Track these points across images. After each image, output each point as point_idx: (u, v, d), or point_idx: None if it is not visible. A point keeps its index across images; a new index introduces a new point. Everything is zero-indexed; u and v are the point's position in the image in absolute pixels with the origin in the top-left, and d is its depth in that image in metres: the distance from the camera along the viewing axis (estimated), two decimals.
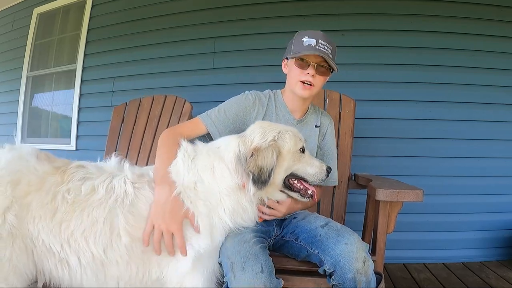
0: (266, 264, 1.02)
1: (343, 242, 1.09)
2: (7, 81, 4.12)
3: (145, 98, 2.42)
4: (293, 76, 1.35)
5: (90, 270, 1.00)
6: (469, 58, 2.62)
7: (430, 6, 2.64)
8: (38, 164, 1.02)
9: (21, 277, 0.95)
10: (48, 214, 0.97)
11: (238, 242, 1.07)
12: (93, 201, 1.00)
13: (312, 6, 2.76)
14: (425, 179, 2.50)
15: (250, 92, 1.42)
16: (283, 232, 1.31)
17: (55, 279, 1.01)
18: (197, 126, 1.33)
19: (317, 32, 1.34)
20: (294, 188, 1.22)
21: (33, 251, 0.97)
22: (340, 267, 1.06)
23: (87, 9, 3.51)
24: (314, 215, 1.31)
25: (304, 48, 1.29)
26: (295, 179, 1.21)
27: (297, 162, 1.19)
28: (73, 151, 3.41)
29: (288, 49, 1.39)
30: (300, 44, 1.31)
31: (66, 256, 0.98)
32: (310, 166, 1.21)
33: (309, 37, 1.31)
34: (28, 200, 0.97)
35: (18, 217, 0.95)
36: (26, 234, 0.96)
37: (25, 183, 0.98)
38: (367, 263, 1.07)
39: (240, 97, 1.40)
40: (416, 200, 1.23)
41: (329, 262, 1.09)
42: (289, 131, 1.20)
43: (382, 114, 2.61)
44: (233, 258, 1.03)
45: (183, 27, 3.03)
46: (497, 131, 2.61)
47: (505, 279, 2.22)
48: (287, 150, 1.17)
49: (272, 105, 1.43)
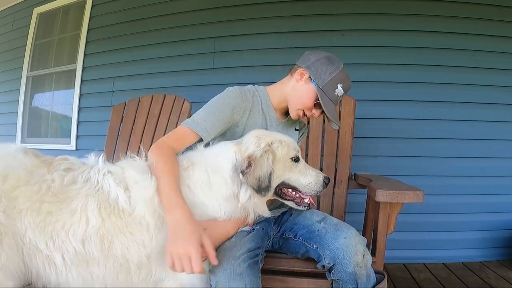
0: (251, 284, 1.02)
1: (342, 236, 1.09)
2: (7, 81, 4.12)
3: (144, 97, 2.42)
4: (300, 102, 1.31)
5: (75, 269, 0.98)
6: (469, 58, 2.61)
7: (430, 6, 2.64)
8: (25, 158, 1.02)
9: (11, 277, 0.92)
10: (34, 206, 0.95)
11: (226, 259, 1.05)
12: (72, 190, 1.00)
13: (312, 6, 2.76)
14: (425, 179, 2.50)
15: (235, 88, 1.32)
16: (281, 230, 1.30)
17: (43, 279, 0.99)
18: (186, 136, 1.20)
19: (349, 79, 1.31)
20: (288, 197, 1.19)
21: (23, 249, 0.95)
22: (340, 260, 1.06)
23: (87, 9, 3.51)
24: (309, 210, 1.27)
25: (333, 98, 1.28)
26: (288, 188, 1.19)
27: (288, 171, 1.16)
28: (73, 151, 3.41)
29: (321, 71, 1.27)
30: (333, 88, 1.26)
31: (51, 254, 0.96)
32: (304, 176, 1.18)
33: (343, 87, 1.27)
34: (16, 194, 0.95)
35: (6, 212, 0.93)
36: (15, 232, 0.93)
37: (13, 177, 0.96)
38: (366, 257, 1.08)
39: (224, 94, 1.29)
40: (417, 201, 1.22)
41: (328, 257, 1.09)
42: (282, 141, 1.18)
43: (382, 114, 2.61)
44: (218, 277, 1.02)
45: (183, 27, 3.03)
46: (497, 131, 2.60)
47: (505, 279, 2.22)
48: (278, 158, 1.14)
49: (258, 101, 1.36)
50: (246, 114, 1.31)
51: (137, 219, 1.02)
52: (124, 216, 1.02)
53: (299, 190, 1.18)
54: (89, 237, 0.97)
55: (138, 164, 1.13)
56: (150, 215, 1.03)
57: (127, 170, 1.10)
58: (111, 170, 1.09)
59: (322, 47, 2.64)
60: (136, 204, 1.03)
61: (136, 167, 1.11)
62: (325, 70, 1.27)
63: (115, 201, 1.02)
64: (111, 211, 1.01)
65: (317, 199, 1.99)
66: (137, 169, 1.10)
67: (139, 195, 1.04)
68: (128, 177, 1.07)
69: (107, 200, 1.02)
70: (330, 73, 1.26)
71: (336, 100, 1.29)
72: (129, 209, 1.02)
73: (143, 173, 1.09)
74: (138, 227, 1.02)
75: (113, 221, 1.00)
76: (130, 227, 1.01)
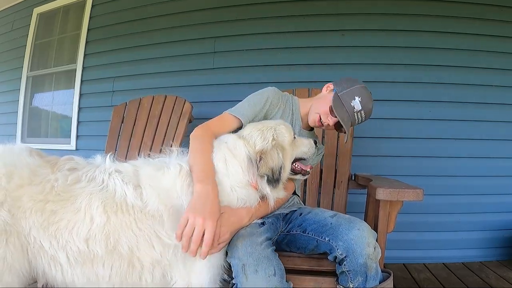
0: (278, 267, 1.04)
1: (356, 228, 1.12)
2: (7, 81, 4.11)
3: (145, 98, 2.43)
4: (320, 105, 1.46)
5: (80, 268, 0.97)
6: (469, 58, 2.61)
7: (430, 6, 2.64)
8: (30, 158, 1.02)
9: (17, 276, 0.93)
10: (38, 205, 0.95)
11: (249, 244, 1.06)
12: (76, 189, 1.00)
13: (312, 6, 2.76)
14: (425, 179, 2.50)
15: (272, 87, 1.47)
16: (288, 227, 1.32)
17: (49, 279, 0.99)
18: (229, 122, 1.33)
19: (370, 99, 1.42)
20: (296, 171, 1.33)
21: (28, 248, 0.95)
22: (352, 251, 1.09)
23: (87, 9, 3.51)
24: (319, 209, 1.36)
25: (347, 107, 1.39)
26: (294, 162, 1.32)
27: (295, 148, 1.30)
28: (73, 151, 3.41)
29: (344, 84, 1.44)
30: (350, 97, 1.39)
31: (55, 253, 0.96)
32: (304, 146, 1.34)
33: (361, 102, 1.39)
34: (20, 193, 0.95)
35: (11, 212, 0.93)
36: (20, 231, 0.93)
37: (17, 176, 0.96)
38: (377, 250, 1.11)
39: (264, 90, 1.45)
40: (416, 200, 1.23)
41: (341, 247, 1.11)
42: (281, 125, 1.28)
43: (382, 114, 2.61)
44: (245, 260, 1.02)
45: (183, 27, 3.03)
46: (497, 131, 2.60)
47: (505, 279, 2.22)
48: (287, 143, 1.25)
49: (290, 107, 1.51)
50: (279, 111, 1.46)
51: (149, 213, 1.01)
52: (134, 212, 1.01)
53: (304, 158, 1.35)
54: (93, 235, 0.97)
55: (154, 162, 1.14)
56: (164, 206, 1.02)
57: (142, 167, 1.10)
58: (120, 169, 1.09)
59: (322, 47, 2.68)
60: (149, 198, 1.02)
61: (152, 164, 1.12)
62: (347, 83, 1.44)
63: (123, 198, 1.01)
64: (117, 209, 1.00)
65: (318, 199, 1.99)
66: (153, 166, 1.11)
67: (152, 188, 1.04)
68: (142, 174, 1.08)
69: (113, 198, 1.01)
70: (351, 85, 1.42)
71: (351, 112, 1.39)
72: (141, 204, 1.02)
73: (159, 169, 1.10)
74: (149, 221, 1.01)
75: (120, 219, 0.99)
76: (140, 222, 1.00)
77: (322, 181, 2.01)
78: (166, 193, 1.05)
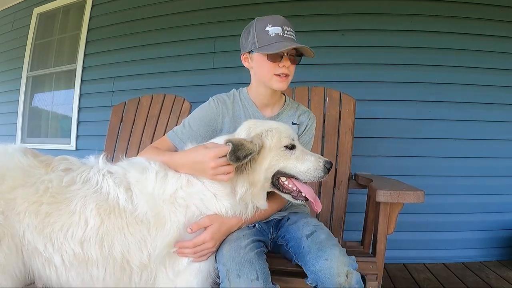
0: (261, 271, 1.02)
1: (324, 257, 1.03)
2: (7, 81, 4.12)
3: (144, 97, 2.42)
4: (266, 71, 1.26)
5: (75, 270, 0.97)
6: (470, 58, 2.61)
7: (430, 6, 2.64)
8: (23, 159, 1.01)
9: (10, 277, 0.92)
10: (32, 207, 0.95)
11: (234, 248, 1.07)
12: (71, 191, 0.99)
13: (312, 6, 2.76)
14: (425, 179, 2.50)
15: (213, 97, 1.39)
16: (277, 234, 1.30)
17: (44, 279, 0.99)
18: (168, 144, 1.33)
19: (277, 17, 1.26)
20: (285, 190, 1.15)
21: (22, 250, 0.95)
22: (321, 282, 1.03)
23: (87, 9, 3.51)
24: (304, 219, 1.23)
25: (273, 39, 1.20)
26: (286, 178, 1.14)
27: (282, 159, 1.12)
28: (73, 151, 3.40)
29: (250, 41, 1.27)
30: (265, 34, 1.21)
31: (50, 255, 0.96)
32: (302, 162, 1.12)
33: (273, 25, 1.21)
34: (14, 195, 0.94)
35: (4, 214, 0.92)
36: (14, 233, 0.93)
37: (10, 178, 0.95)
38: (350, 276, 1.01)
39: (204, 105, 1.39)
40: (417, 202, 1.22)
41: (310, 277, 1.06)
42: (273, 129, 1.14)
43: (382, 114, 2.61)
44: (228, 265, 1.03)
45: (183, 27, 3.03)
46: (497, 131, 2.60)
47: (505, 279, 2.22)
48: (268, 147, 1.10)
49: (238, 105, 1.38)
50: (225, 119, 1.36)
51: (139, 217, 1.01)
52: (125, 215, 1.01)
53: (297, 177, 1.13)
54: (88, 238, 0.97)
55: (138, 164, 1.12)
56: (151, 212, 1.03)
57: (129, 170, 1.09)
58: (111, 171, 1.08)
59: (322, 47, 2.67)
60: (139, 203, 1.03)
61: (136, 167, 1.11)
62: (248, 34, 1.29)
63: (115, 201, 1.01)
64: (111, 211, 1.00)
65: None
66: (137, 169, 1.10)
67: (141, 193, 1.04)
68: (130, 177, 1.07)
69: (106, 201, 1.01)
70: (252, 32, 1.27)
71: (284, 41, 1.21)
72: (131, 207, 1.02)
73: (143, 172, 1.09)
74: (139, 226, 1.01)
75: (112, 222, 0.99)
76: (131, 226, 1.01)
77: (322, 181, 2.00)
78: (152, 200, 1.04)
